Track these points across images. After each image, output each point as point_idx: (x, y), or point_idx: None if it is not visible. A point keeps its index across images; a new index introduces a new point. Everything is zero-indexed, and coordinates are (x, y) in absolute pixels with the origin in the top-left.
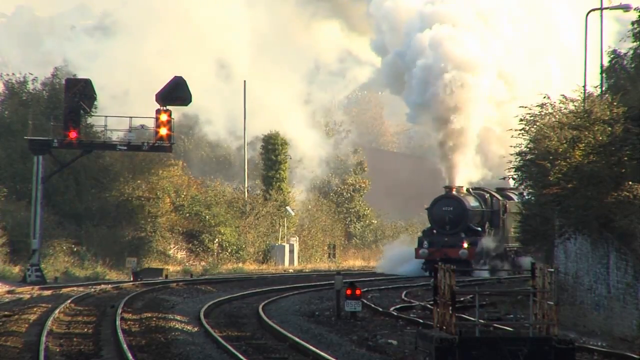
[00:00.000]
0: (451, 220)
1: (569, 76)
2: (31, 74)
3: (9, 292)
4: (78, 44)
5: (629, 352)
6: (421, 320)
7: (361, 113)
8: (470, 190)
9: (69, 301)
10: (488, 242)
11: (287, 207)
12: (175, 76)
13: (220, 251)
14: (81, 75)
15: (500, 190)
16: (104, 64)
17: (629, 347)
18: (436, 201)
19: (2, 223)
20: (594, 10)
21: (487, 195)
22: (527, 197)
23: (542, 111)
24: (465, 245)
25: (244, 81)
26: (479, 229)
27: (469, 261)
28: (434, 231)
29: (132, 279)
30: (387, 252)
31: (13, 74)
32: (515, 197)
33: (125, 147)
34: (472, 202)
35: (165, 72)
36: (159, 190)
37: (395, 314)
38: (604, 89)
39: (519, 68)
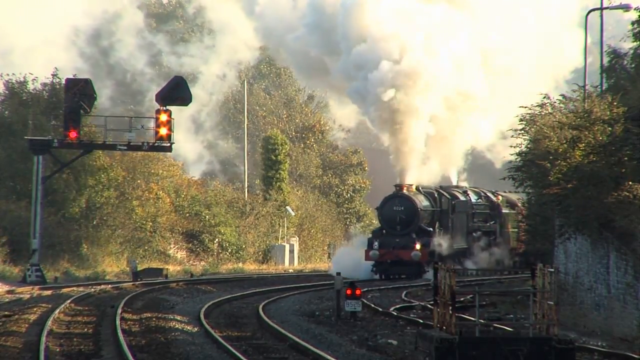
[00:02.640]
0: (402, 220)
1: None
2: (31, 74)
3: (9, 292)
4: None
5: (629, 352)
6: (421, 320)
7: (361, 113)
8: (420, 188)
9: (69, 301)
10: (439, 242)
11: (287, 207)
12: (175, 76)
13: (220, 251)
14: None
15: (445, 189)
16: None
17: (629, 347)
18: (386, 200)
19: (2, 223)
20: (594, 10)
21: (436, 194)
22: (474, 197)
23: (542, 111)
24: (418, 246)
25: (244, 81)
26: (430, 229)
27: (421, 263)
28: (383, 231)
29: (132, 279)
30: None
31: (13, 74)
32: (460, 196)
33: (125, 147)
34: (423, 201)
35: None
36: (159, 191)
37: (395, 314)
38: (604, 89)
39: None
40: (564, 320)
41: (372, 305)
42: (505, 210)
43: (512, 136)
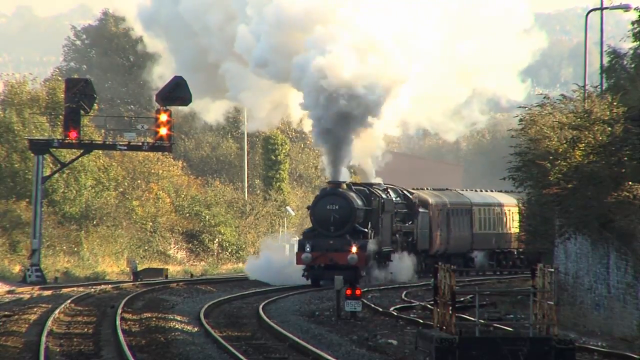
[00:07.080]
0: (336, 220)
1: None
2: (31, 74)
3: (9, 292)
4: None
5: (629, 352)
6: (421, 320)
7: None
8: (352, 186)
9: (69, 301)
10: (373, 244)
11: (287, 207)
12: (175, 76)
13: (220, 251)
14: None
15: (370, 186)
16: None
17: (629, 347)
18: (319, 198)
19: (2, 223)
20: (594, 10)
21: (367, 192)
22: (394, 195)
23: (541, 111)
24: (354, 249)
25: None
26: (366, 230)
27: (357, 267)
28: (315, 232)
29: (132, 279)
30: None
31: (13, 74)
32: (383, 194)
33: (125, 147)
34: (356, 199)
35: None
36: (159, 191)
37: (395, 314)
38: (604, 88)
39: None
40: (564, 320)
41: (372, 305)
42: (420, 210)
43: (512, 136)
